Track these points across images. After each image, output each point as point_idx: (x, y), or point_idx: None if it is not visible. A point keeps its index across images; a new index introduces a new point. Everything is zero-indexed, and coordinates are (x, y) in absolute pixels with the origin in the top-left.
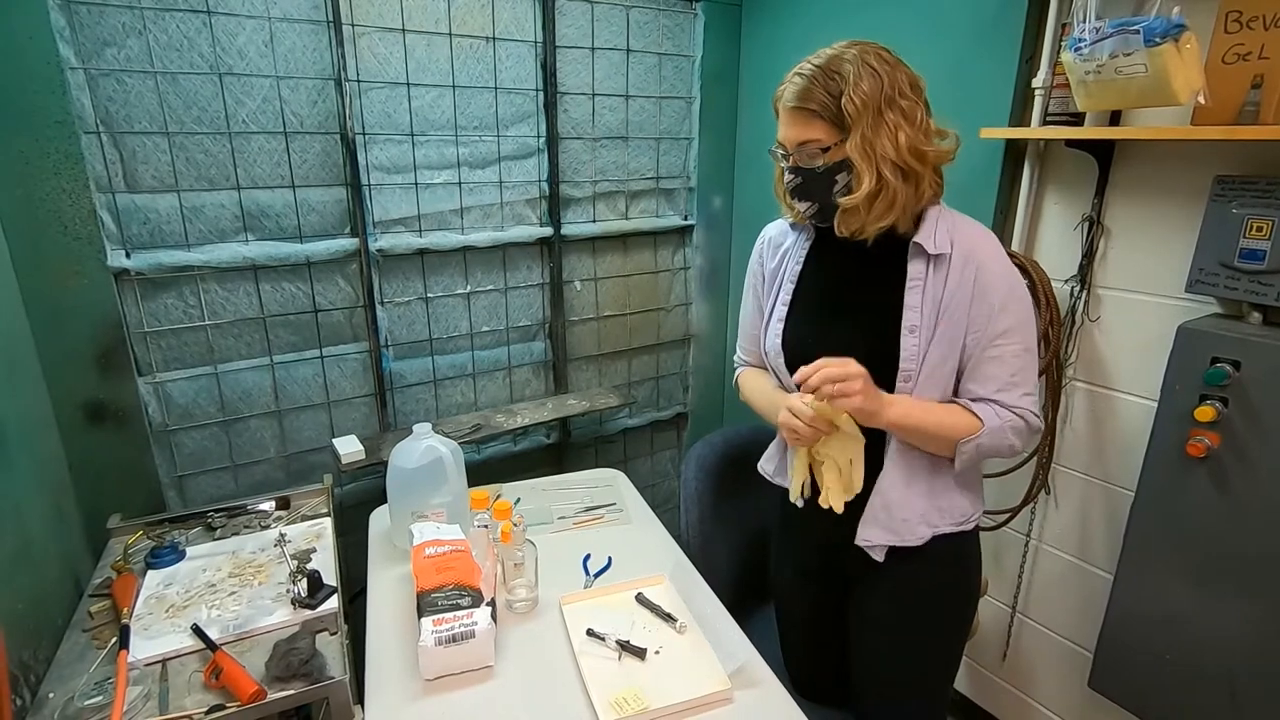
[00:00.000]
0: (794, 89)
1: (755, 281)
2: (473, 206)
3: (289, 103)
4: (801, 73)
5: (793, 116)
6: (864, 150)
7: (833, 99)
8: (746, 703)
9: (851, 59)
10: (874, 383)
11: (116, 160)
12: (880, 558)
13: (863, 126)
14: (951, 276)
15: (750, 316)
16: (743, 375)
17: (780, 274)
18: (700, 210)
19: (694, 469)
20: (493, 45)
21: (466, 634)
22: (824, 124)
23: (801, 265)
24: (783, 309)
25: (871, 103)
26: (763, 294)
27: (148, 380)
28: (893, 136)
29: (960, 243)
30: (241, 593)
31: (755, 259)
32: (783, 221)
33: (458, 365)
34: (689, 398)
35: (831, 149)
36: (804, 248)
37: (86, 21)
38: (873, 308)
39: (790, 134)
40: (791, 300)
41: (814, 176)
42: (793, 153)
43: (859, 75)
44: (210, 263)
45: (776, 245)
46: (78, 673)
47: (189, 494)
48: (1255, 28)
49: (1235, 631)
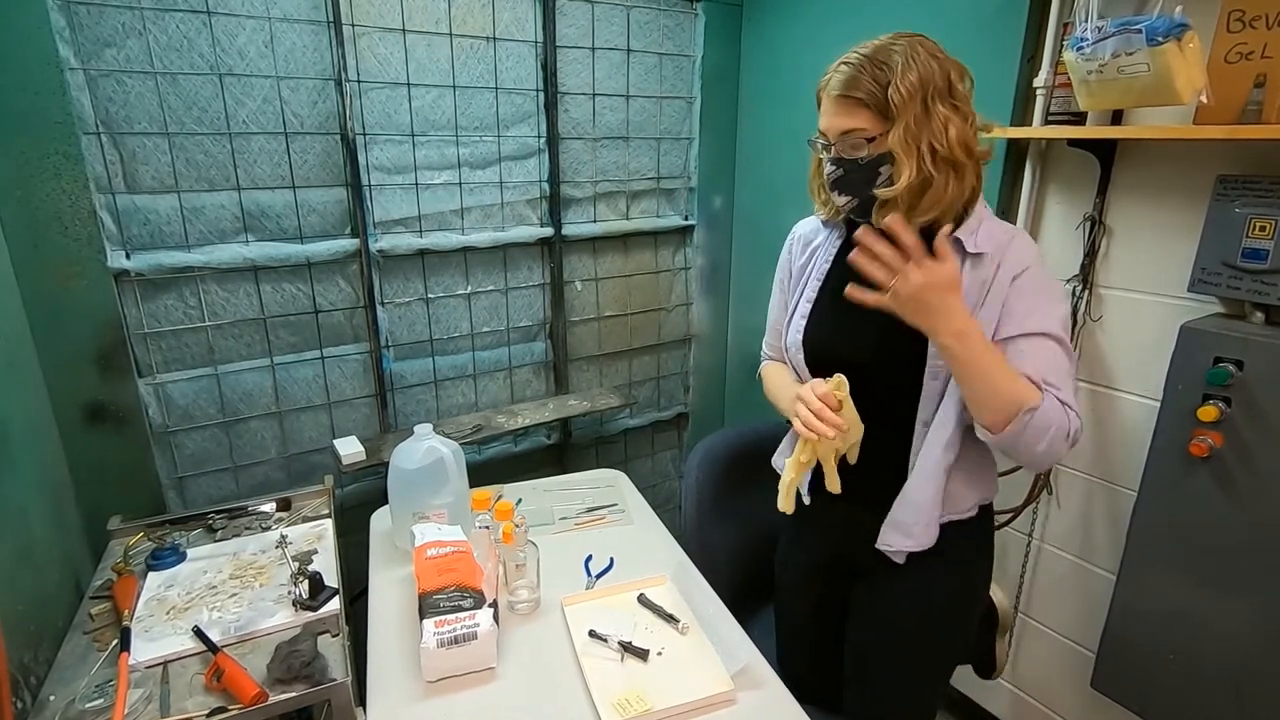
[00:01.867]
0: (840, 77)
1: (783, 276)
2: (473, 207)
3: (289, 103)
4: (849, 61)
5: (837, 105)
6: (907, 141)
7: (880, 88)
8: (750, 703)
9: (901, 49)
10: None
11: (116, 161)
12: (901, 560)
13: (908, 117)
14: (986, 276)
15: (775, 312)
16: (766, 369)
17: (808, 271)
18: (701, 210)
19: (697, 467)
20: (493, 45)
21: (468, 635)
22: (869, 113)
23: (830, 264)
24: (807, 305)
25: (919, 93)
26: (789, 290)
27: (148, 381)
28: (941, 129)
29: (998, 243)
30: (243, 594)
31: (785, 255)
32: (815, 219)
33: (458, 366)
34: (690, 398)
35: (876, 139)
36: (834, 245)
37: (86, 22)
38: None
39: (834, 123)
40: (817, 297)
41: (856, 168)
42: (835, 142)
43: (908, 65)
44: (210, 263)
45: (807, 242)
46: (79, 675)
47: (189, 495)
48: (1258, 27)
49: (1239, 631)
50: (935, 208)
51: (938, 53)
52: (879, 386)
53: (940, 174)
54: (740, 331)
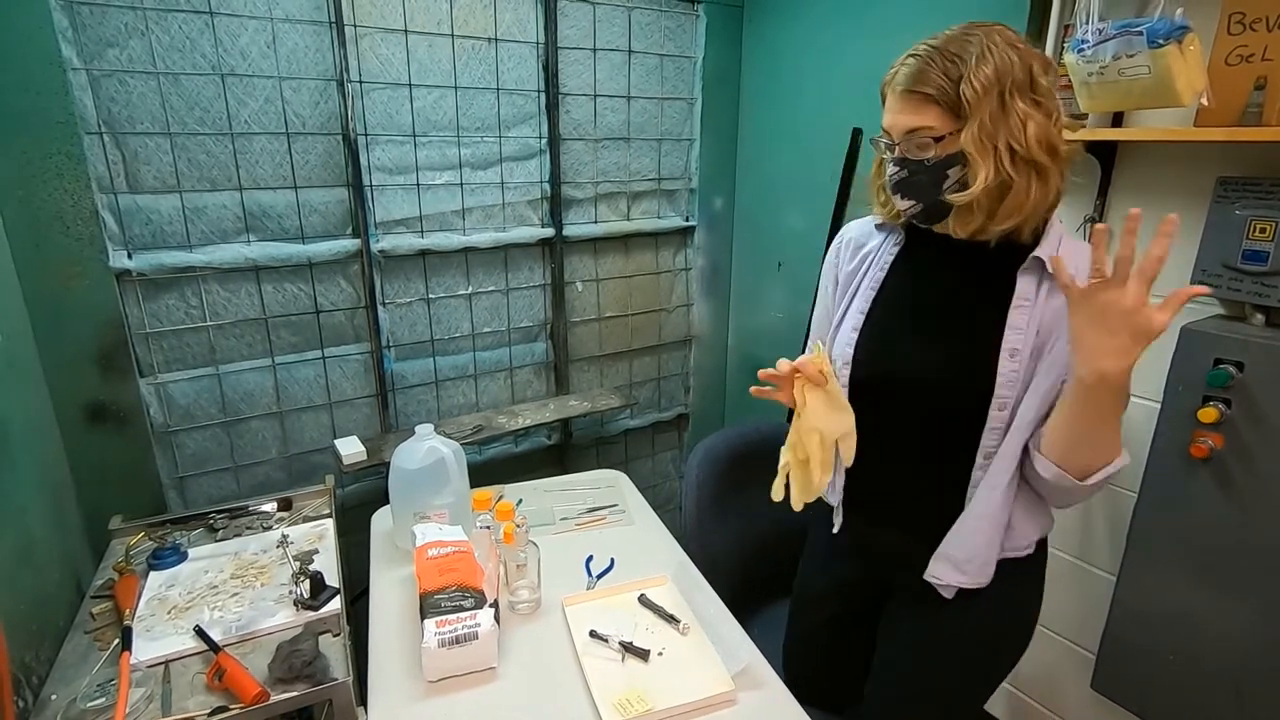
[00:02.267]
0: (908, 71)
1: (828, 282)
2: (474, 207)
3: (291, 103)
4: (917, 53)
5: (904, 101)
6: (981, 141)
7: (951, 83)
8: (750, 704)
9: (976, 39)
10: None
11: (119, 161)
12: (950, 595)
13: (982, 115)
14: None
15: (821, 321)
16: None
17: (858, 278)
18: (702, 211)
19: (697, 467)
20: (495, 46)
21: (469, 635)
22: (939, 110)
23: (885, 271)
24: (858, 316)
25: (995, 88)
26: (835, 299)
27: (149, 381)
28: (1020, 127)
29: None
30: (244, 594)
31: (831, 259)
32: (867, 221)
33: (459, 366)
34: (690, 399)
35: (945, 139)
36: (891, 252)
37: (89, 22)
38: (966, 324)
39: (899, 121)
40: (869, 309)
41: (922, 170)
42: (899, 142)
43: (983, 57)
44: (212, 263)
45: (858, 246)
46: (80, 674)
47: (190, 495)
48: (1258, 29)
49: (1240, 632)
50: (1016, 214)
51: (1018, 42)
52: (938, 412)
53: (1021, 176)
54: (741, 332)
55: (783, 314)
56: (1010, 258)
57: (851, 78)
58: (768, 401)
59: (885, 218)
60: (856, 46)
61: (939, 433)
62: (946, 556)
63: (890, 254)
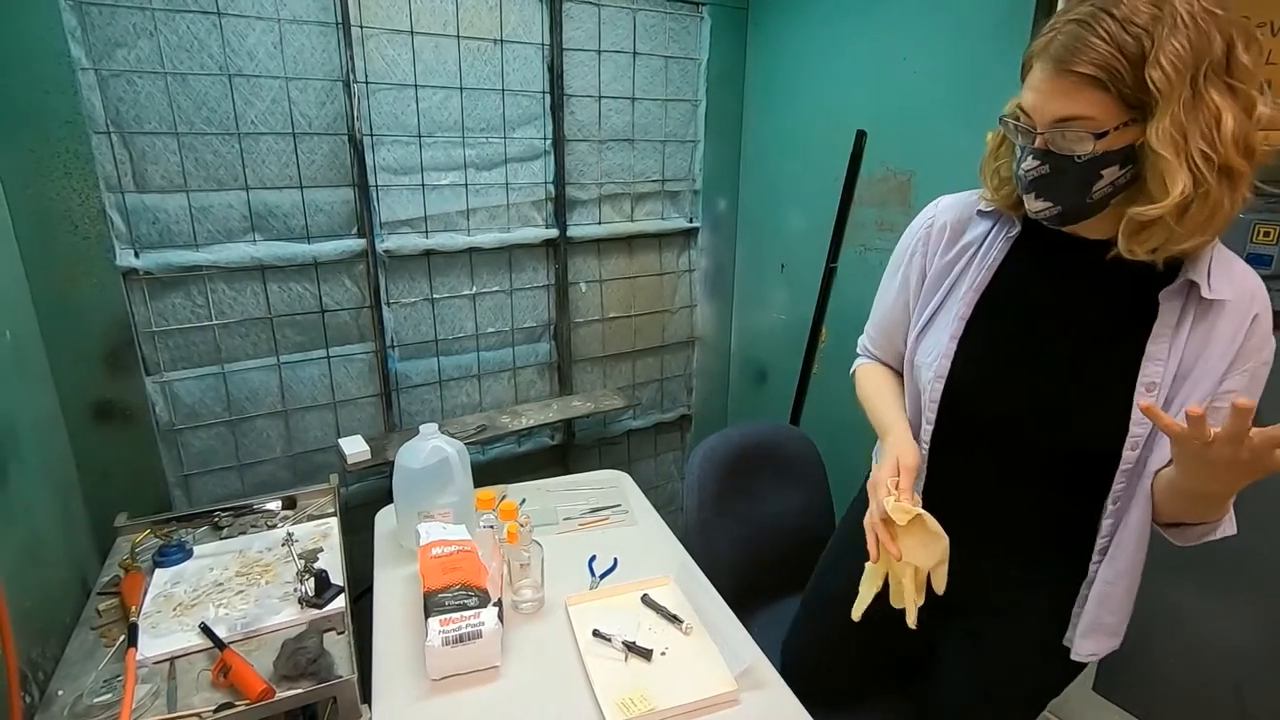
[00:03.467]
0: (1065, 41)
1: (909, 271)
2: (479, 208)
3: (298, 104)
4: (1080, 18)
5: (1057, 82)
6: (1175, 139)
7: (1127, 63)
8: (753, 704)
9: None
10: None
11: (126, 160)
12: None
13: (1174, 106)
14: (1214, 329)
15: (891, 311)
16: (863, 371)
17: (956, 274)
18: (705, 212)
19: (698, 468)
20: (500, 47)
21: (473, 634)
22: (1107, 98)
23: (995, 272)
24: (959, 323)
25: (1188, 71)
26: (917, 293)
27: (155, 379)
28: (1213, 122)
29: (1238, 288)
30: (249, 591)
31: (915, 241)
32: (966, 200)
33: (463, 366)
34: (693, 400)
35: (1110, 134)
36: (1001, 248)
37: (98, 22)
38: (1099, 351)
39: (1049, 106)
40: (972, 315)
41: (1071, 167)
42: (1044, 131)
43: (1175, 28)
44: (218, 262)
45: (956, 234)
46: (86, 670)
47: (195, 493)
48: (1262, 33)
49: (1240, 633)
50: (1207, 229)
51: (1215, 6)
52: (1058, 448)
53: (1217, 184)
54: (744, 334)
55: (785, 315)
56: (1149, 270)
57: (855, 80)
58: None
59: (999, 204)
60: (860, 48)
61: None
62: (1099, 625)
63: (1000, 250)
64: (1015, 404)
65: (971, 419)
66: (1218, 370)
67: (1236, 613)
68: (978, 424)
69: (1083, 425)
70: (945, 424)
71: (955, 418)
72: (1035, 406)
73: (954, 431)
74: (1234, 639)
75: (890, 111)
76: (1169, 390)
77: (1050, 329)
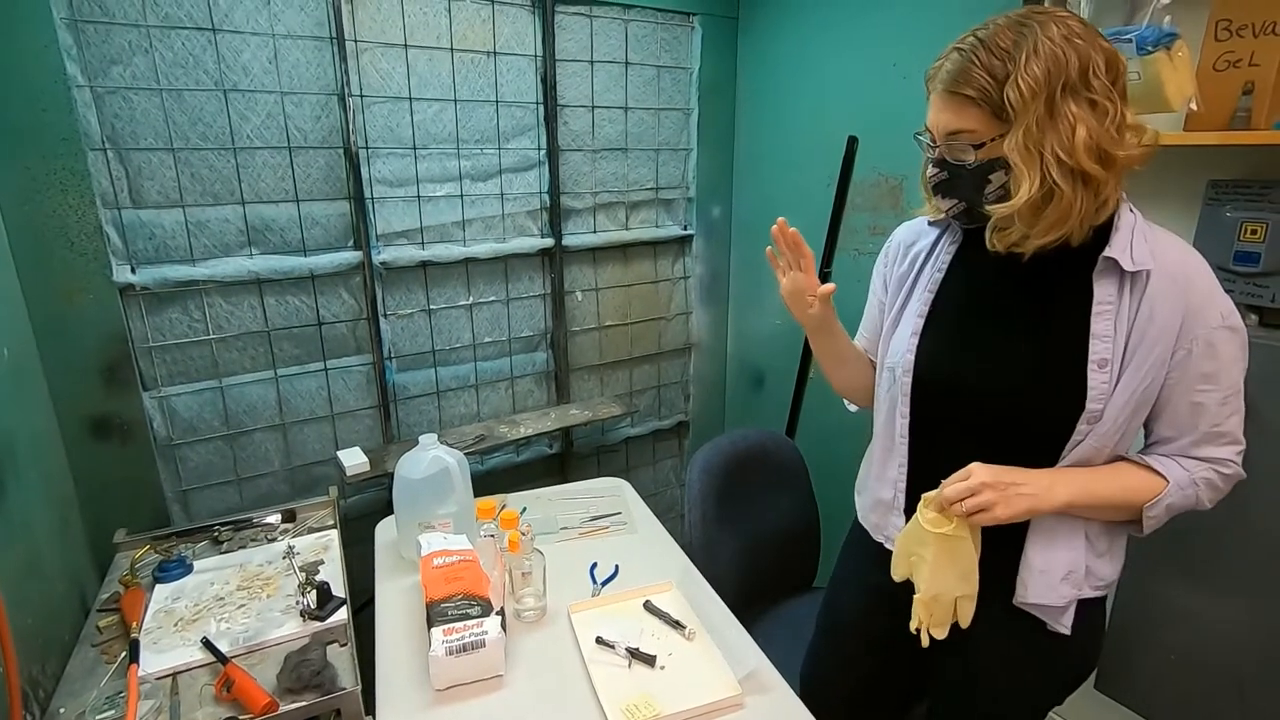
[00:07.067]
0: (950, 67)
1: (878, 286)
2: (474, 219)
3: (293, 118)
4: (961, 47)
5: (944, 101)
6: (1026, 149)
7: (995, 83)
8: (757, 709)
9: (1029, 33)
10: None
11: (122, 176)
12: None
13: (1028, 121)
14: (1153, 301)
15: (868, 327)
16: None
17: (911, 279)
18: (699, 220)
19: (697, 475)
20: (494, 59)
21: (476, 643)
22: (981, 113)
23: (945, 272)
24: (917, 320)
25: (1044, 90)
26: (888, 303)
27: (152, 394)
28: (1069, 133)
29: (1164, 258)
30: (250, 605)
31: (879, 263)
32: (917, 222)
33: (460, 376)
34: (690, 406)
35: (987, 145)
36: (949, 251)
37: (93, 40)
38: (1043, 332)
39: (939, 121)
40: (930, 310)
41: (962, 174)
42: (940, 143)
43: (1034, 54)
44: (215, 277)
45: (907, 247)
46: (87, 687)
47: (193, 508)
48: (1245, 35)
49: (1240, 630)
50: (1058, 228)
51: (1079, 35)
52: (1013, 422)
53: (1068, 187)
54: (740, 340)
55: (781, 320)
56: (1082, 256)
57: (845, 86)
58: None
59: (937, 215)
60: (849, 55)
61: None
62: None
63: (948, 254)
64: (976, 385)
65: (939, 406)
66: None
67: (1236, 610)
68: (946, 410)
69: (1044, 401)
70: (918, 413)
71: (925, 406)
72: (994, 386)
73: (927, 420)
74: (1234, 636)
75: (881, 117)
76: (1122, 363)
77: (999, 316)
